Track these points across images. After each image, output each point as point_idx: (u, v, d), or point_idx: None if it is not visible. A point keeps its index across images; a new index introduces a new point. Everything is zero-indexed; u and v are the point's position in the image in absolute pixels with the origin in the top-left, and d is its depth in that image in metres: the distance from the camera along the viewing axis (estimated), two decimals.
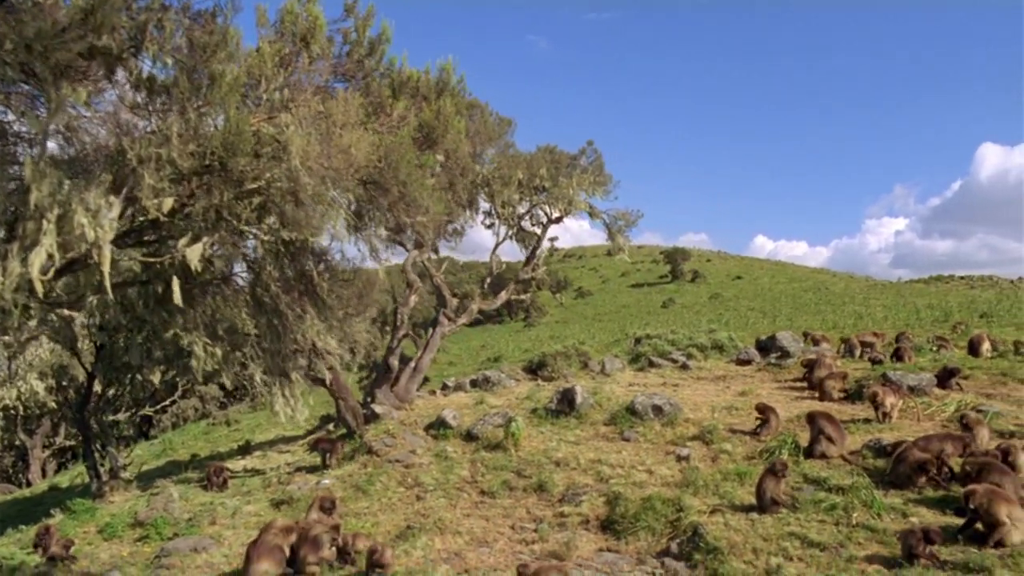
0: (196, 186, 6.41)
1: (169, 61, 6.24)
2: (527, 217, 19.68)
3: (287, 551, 10.23)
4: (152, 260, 6.59)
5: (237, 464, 18.00)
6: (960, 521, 8.53)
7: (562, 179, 18.20)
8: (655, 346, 21.42)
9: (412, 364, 17.86)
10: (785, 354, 19.22)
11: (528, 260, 19.94)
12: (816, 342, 21.08)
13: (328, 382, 15.18)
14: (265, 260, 7.22)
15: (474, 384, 19.25)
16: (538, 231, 20.13)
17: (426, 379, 21.08)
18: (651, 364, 19.89)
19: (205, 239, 6.39)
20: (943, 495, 9.50)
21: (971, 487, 8.34)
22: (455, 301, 18.60)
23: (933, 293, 50.75)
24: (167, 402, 33.01)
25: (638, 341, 22.55)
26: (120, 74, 6.29)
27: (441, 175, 10.06)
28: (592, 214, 19.54)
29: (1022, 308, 28.58)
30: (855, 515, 9.15)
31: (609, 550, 9.78)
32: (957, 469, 9.68)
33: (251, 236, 7.07)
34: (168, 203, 6.10)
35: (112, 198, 5.92)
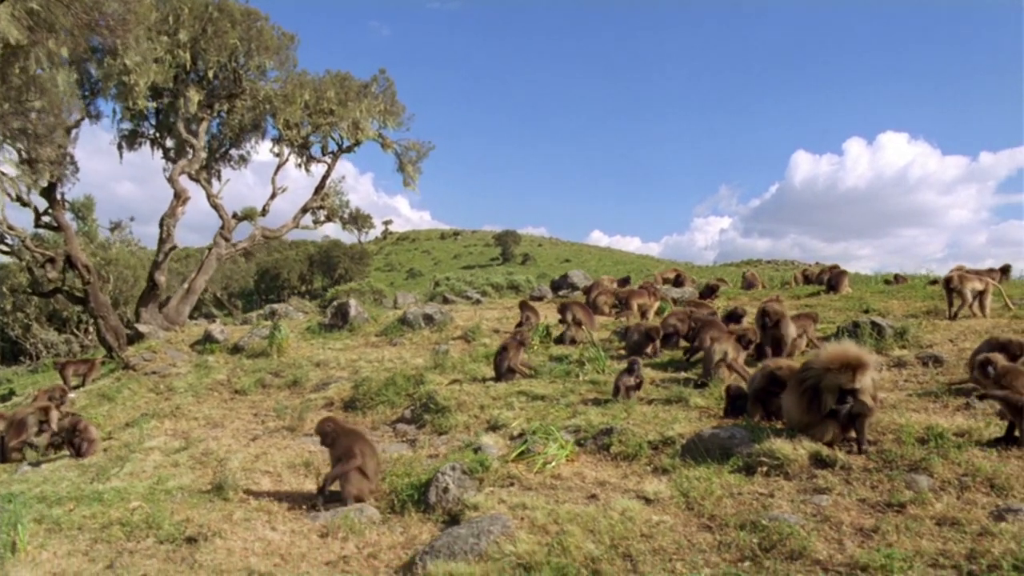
0: None
1: None
2: (316, 144, 19.02)
3: None
4: None
5: None
6: (677, 374, 9.01)
7: (351, 104, 17.67)
8: (452, 286, 21.41)
9: (185, 285, 16.81)
10: (575, 289, 19.67)
11: (317, 190, 19.29)
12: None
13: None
14: None
15: (260, 318, 18.50)
16: (328, 160, 19.53)
17: None
18: (445, 301, 19.76)
19: None
20: (669, 359, 9.94)
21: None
22: (234, 223, 17.70)
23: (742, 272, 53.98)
24: None
25: (437, 284, 22.46)
26: None
27: None
28: (384, 144, 19.14)
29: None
30: (584, 376, 9.37)
31: None
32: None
33: None
34: None
35: None
